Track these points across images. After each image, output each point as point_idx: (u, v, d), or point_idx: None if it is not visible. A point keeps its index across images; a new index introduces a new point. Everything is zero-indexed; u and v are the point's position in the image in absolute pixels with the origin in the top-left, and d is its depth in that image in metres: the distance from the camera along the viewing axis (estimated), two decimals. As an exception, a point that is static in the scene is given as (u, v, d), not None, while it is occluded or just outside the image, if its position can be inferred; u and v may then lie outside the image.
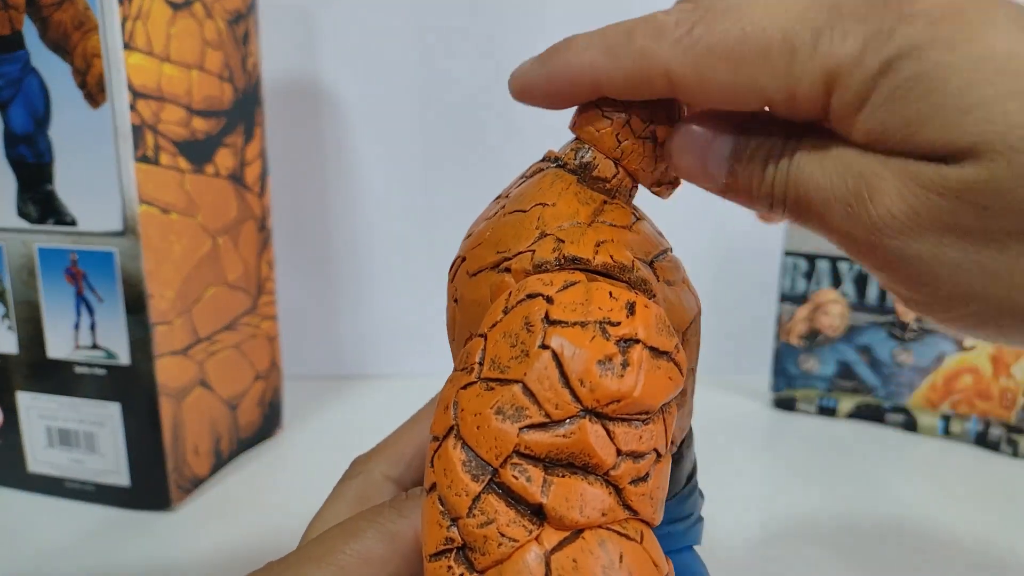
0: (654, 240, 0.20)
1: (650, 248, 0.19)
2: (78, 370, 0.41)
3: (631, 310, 0.17)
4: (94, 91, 0.37)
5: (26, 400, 0.43)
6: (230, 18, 0.45)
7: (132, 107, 0.38)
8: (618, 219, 0.19)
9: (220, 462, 0.47)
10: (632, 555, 0.15)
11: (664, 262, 0.19)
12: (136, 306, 0.39)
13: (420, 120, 0.61)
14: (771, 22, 0.17)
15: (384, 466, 0.22)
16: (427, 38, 0.59)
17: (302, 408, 0.57)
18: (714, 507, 0.27)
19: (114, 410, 0.41)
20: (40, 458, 0.43)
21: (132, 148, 0.38)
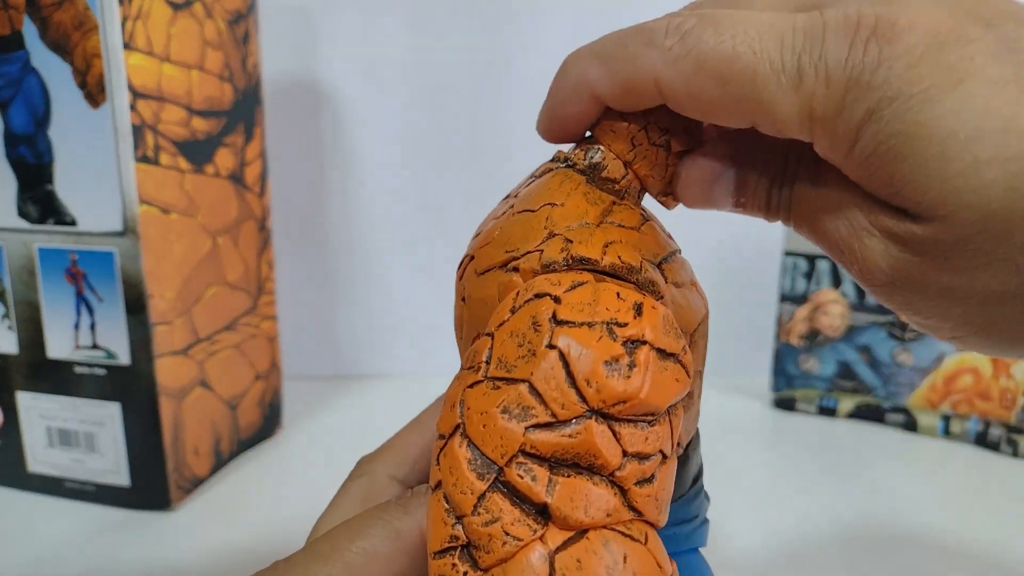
0: (662, 242, 0.20)
1: (658, 250, 0.19)
2: (78, 370, 0.41)
3: (639, 311, 0.17)
4: (94, 91, 0.37)
5: (26, 400, 0.43)
6: (230, 18, 0.45)
7: (132, 107, 0.38)
8: (627, 220, 0.19)
9: (220, 462, 0.47)
10: (636, 556, 0.15)
11: (672, 264, 0.19)
12: (136, 306, 0.39)
13: (420, 120, 0.61)
14: (761, 46, 0.16)
15: (389, 466, 0.22)
16: (427, 38, 0.59)
17: (302, 408, 0.57)
18: (714, 507, 0.27)
19: (114, 410, 0.41)
20: (40, 458, 0.43)
21: (132, 148, 0.38)
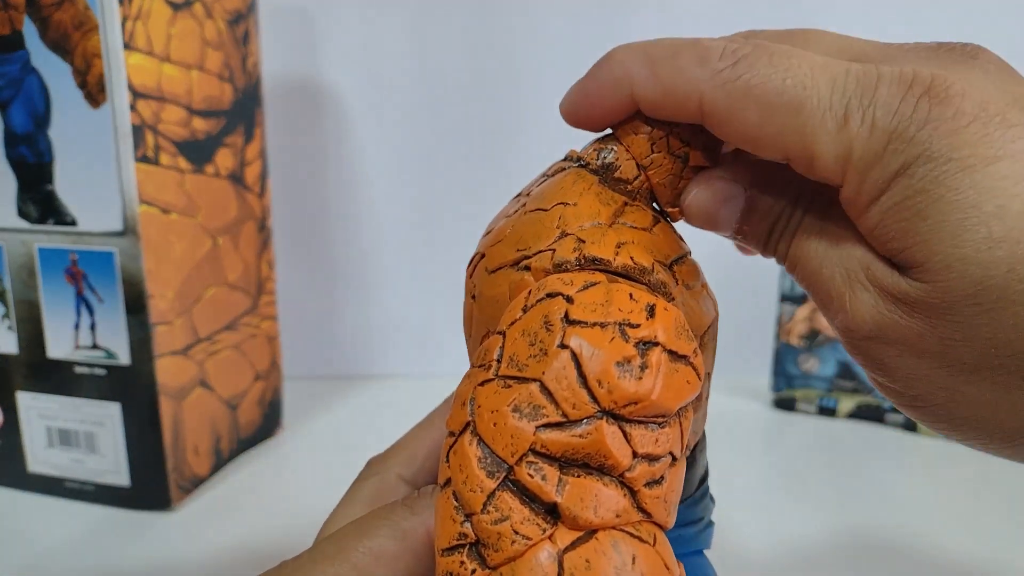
0: (674, 243, 0.20)
1: (670, 251, 0.19)
2: (78, 370, 0.41)
3: (651, 312, 0.17)
4: (94, 91, 0.37)
5: (26, 400, 0.43)
6: (230, 18, 0.45)
7: (132, 107, 0.38)
8: (639, 221, 0.19)
9: (220, 462, 0.47)
10: (645, 557, 0.15)
11: (684, 265, 0.19)
12: (136, 306, 0.39)
13: (420, 120, 0.61)
14: (812, 83, 0.17)
15: (398, 467, 0.22)
16: (427, 38, 0.59)
17: (302, 408, 0.57)
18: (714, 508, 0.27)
19: (114, 410, 0.41)
20: (40, 458, 0.43)
21: (132, 148, 0.38)
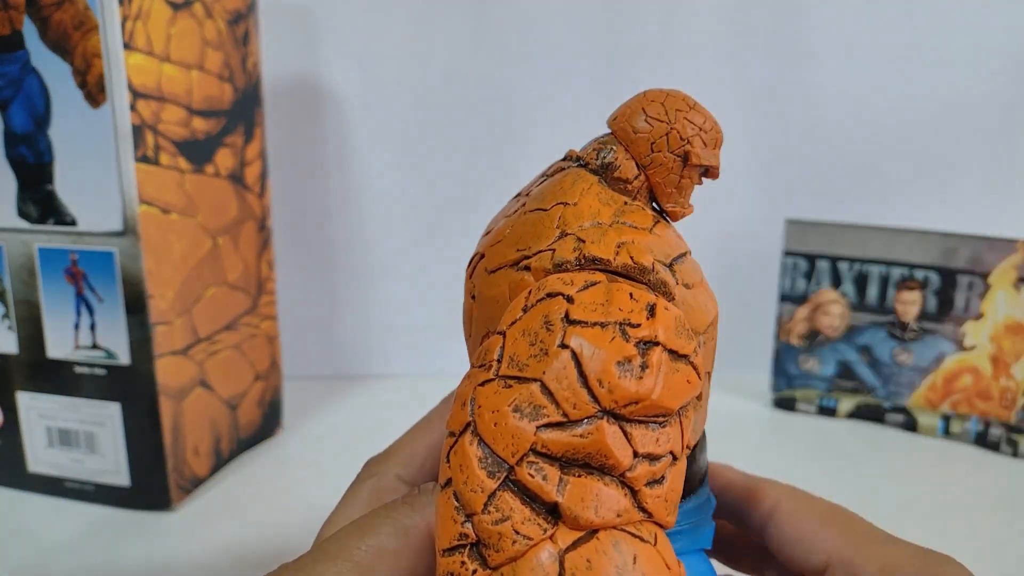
0: (674, 243, 0.20)
1: (670, 251, 0.19)
2: (78, 370, 0.41)
3: (651, 312, 0.17)
4: (94, 91, 0.37)
5: (26, 400, 0.43)
6: (230, 18, 0.45)
7: (132, 107, 0.38)
8: (639, 221, 0.19)
9: (220, 462, 0.47)
10: (646, 557, 0.15)
11: (684, 265, 0.19)
12: (136, 306, 0.39)
13: (420, 120, 0.61)
14: None
15: (397, 467, 0.22)
16: (427, 38, 0.59)
17: (302, 408, 0.57)
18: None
19: (114, 410, 0.41)
20: (40, 458, 0.43)
21: (132, 148, 0.38)
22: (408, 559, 0.17)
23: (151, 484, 0.42)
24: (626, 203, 0.20)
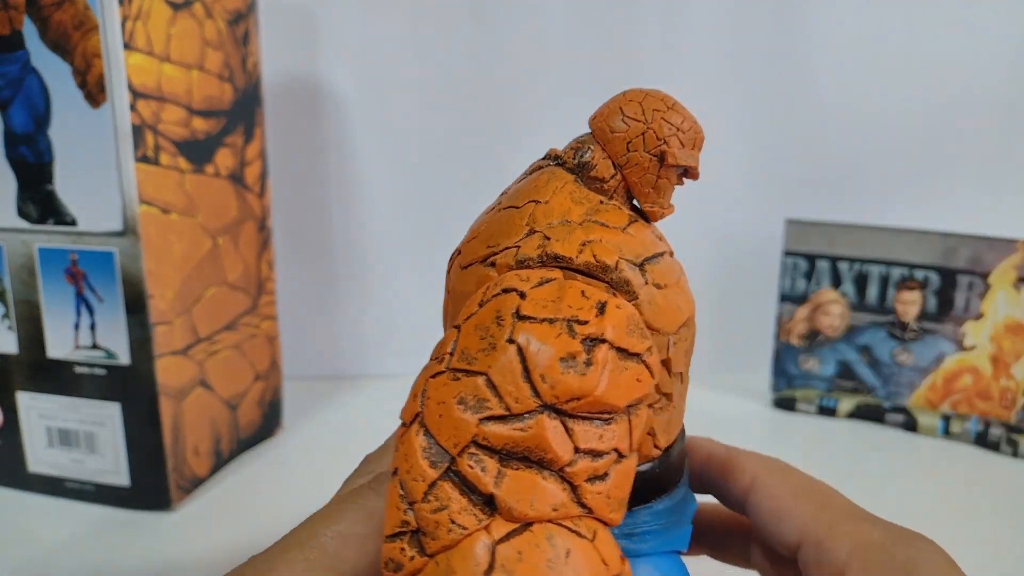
0: (648, 242, 0.20)
1: (642, 250, 0.19)
2: (78, 370, 0.41)
3: (601, 310, 0.17)
4: (94, 91, 0.37)
5: (26, 400, 0.43)
6: (230, 18, 0.45)
7: (132, 107, 0.38)
8: (612, 220, 0.19)
9: (220, 462, 0.47)
10: (581, 552, 0.15)
11: (657, 264, 0.19)
12: (136, 306, 0.39)
13: (420, 120, 0.61)
14: None
15: None
16: (427, 38, 0.59)
17: (302, 408, 0.57)
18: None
19: (114, 410, 0.41)
20: (40, 458, 0.43)
21: (132, 148, 0.38)
22: (375, 542, 0.18)
23: (151, 484, 0.42)
24: (601, 202, 0.20)
